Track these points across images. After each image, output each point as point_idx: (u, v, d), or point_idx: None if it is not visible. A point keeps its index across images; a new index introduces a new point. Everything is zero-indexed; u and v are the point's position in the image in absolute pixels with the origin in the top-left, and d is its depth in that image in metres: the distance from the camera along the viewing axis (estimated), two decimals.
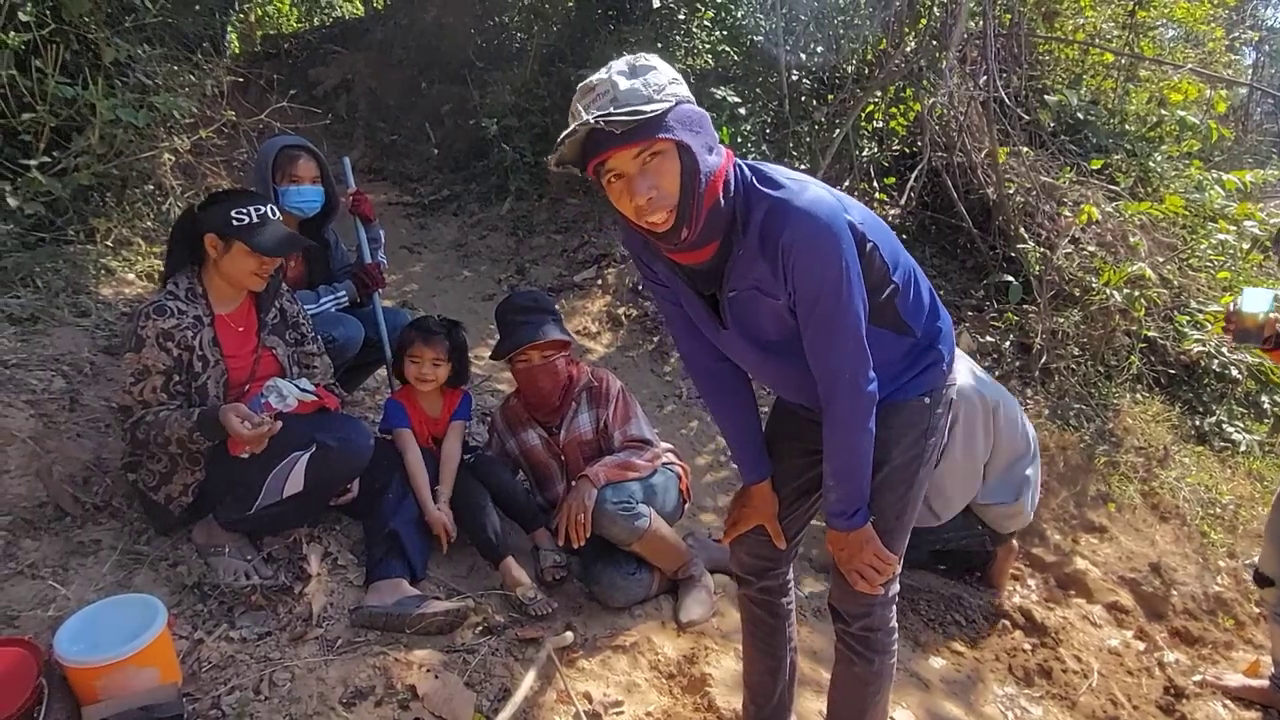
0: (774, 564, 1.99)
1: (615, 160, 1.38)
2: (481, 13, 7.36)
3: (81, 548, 2.35)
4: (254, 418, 2.16)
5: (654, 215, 1.41)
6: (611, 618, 2.57)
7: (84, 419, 2.69)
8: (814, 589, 3.04)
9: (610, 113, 1.32)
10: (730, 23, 5.96)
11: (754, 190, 1.50)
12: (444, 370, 2.75)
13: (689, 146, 1.39)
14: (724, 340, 1.71)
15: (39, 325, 2.94)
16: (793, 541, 1.98)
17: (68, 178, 3.29)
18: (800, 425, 1.87)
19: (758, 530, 1.93)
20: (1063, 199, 5.25)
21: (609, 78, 1.39)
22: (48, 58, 3.20)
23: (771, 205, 1.47)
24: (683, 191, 1.40)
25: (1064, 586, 3.52)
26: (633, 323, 4.74)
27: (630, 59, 1.43)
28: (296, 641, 2.21)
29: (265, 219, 2.32)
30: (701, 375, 1.88)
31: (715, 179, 1.44)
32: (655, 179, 1.39)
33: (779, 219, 1.46)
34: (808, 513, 1.97)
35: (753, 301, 1.57)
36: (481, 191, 6.03)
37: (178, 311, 2.27)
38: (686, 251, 1.51)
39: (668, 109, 1.37)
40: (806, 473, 1.91)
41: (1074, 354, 4.55)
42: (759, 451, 1.90)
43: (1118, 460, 4.11)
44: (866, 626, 1.85)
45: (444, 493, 2.66)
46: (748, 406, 1.89)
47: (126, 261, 3.53)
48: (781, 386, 1.85)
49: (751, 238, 1.49)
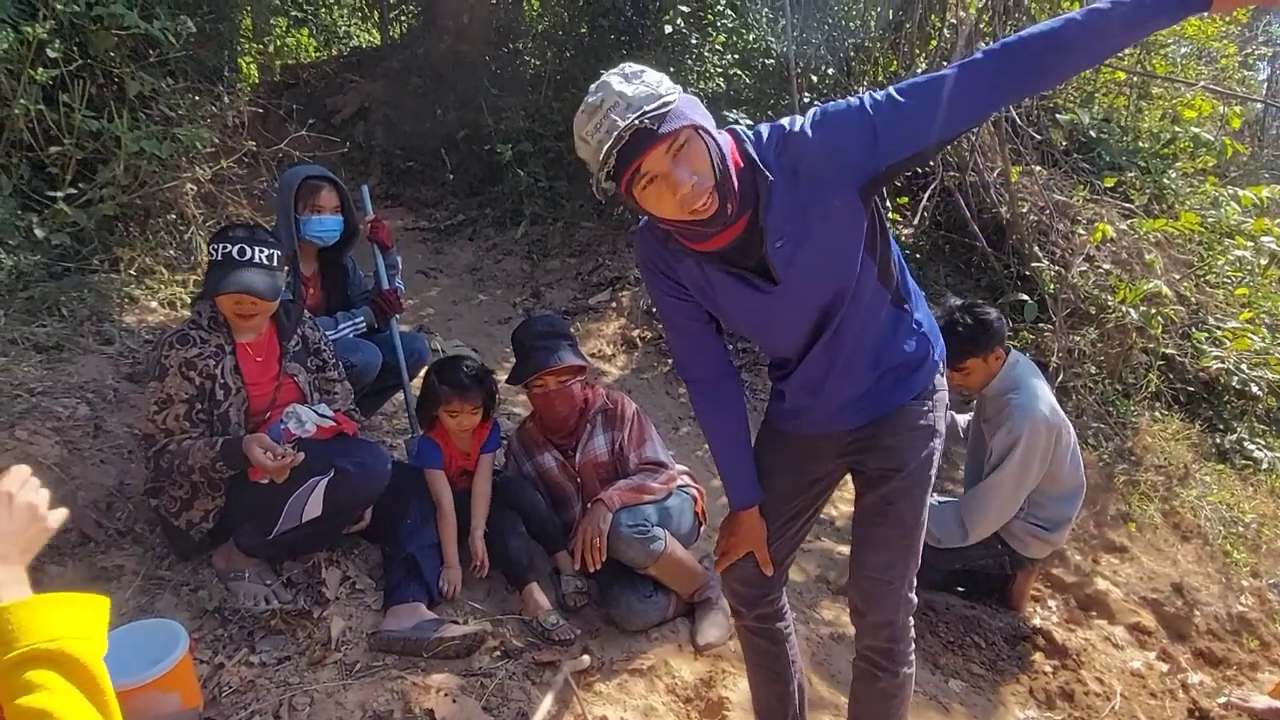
0: (766, 590, 1.97)
1: (648, 162, 1.40)
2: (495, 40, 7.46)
3: (105, 573, 2.38)
4: (277, 449, 2.20)
5: (700, 199, 1.43)
6: (628, 641, 2.57)
7: (107, 445, 2.74)
8: (831, 614, 3.02)
9: (645, 110, 1.35)
10: (742, 46, 6.03)
11: (762, 139, 1.55)
12: (478, 416, 2.75)
13: (706, 128, 1.44)
14: (769, 304, 1.63)
15: (64, 353, 2.99)
16: (781, 566, 1.97)
17: (93, 209, 3.36)
18: (794, 449, 1.88)
19: (748, 558, 1.92)
20: (1076, 217, 5.24)
21: (610, 89, 1.41)
22: (75, 92, 3.28)
23: (781, 133, 1.54)
24: (716, 170, 1.44)
25: (1085, 607, 3.48)
26: (647, 345, 4.76)
27: (617, 70, 1.45)
28: (315, 666, 2.23)
29: (230, 260, 2.31)
30: (702, 389, 1.88)
31: (732, 151, 1.50)
32: (690, 165, 1.41)
33: (792, 132, 1.53)
34: (795, 537, 1.96)
35: (806, 232, 1.54)
36: (496, 216, 6.10)
37: (200, 340, 2.32)
38: (722, 232, 1.53)
39: (680, 96, 1.42)
40: (798, 496, 1.91)
41: (1091, 372, 4.52)
42: (750, 476, 1.90)
43: (1137, 479, 4.08)
44: (892, 635, 1.86)
45: (479, 525, 2.68)
46: (742, 428, 1.90)
47: (149, 290, 3.59)
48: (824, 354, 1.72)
49: (777, 170, 1.52)
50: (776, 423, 1.92)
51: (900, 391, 1.75)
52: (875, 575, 1.84)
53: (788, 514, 1.92)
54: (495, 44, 7.36)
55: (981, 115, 1.62)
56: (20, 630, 0.97)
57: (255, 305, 2.34)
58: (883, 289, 1.67)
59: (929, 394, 1.78)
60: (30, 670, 0.95)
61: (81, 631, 1.01)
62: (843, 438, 1.81)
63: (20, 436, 2.54)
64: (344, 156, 5.89)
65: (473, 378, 2.69)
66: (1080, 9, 1.45)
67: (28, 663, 0.96)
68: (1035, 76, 1.54)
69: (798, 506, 1.92)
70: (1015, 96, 1.66)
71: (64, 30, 3.30)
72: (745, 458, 1.91)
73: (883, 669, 1.88)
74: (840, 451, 1.84)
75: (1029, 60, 1.46)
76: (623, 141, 1.37)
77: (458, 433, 2.75)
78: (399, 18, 8.50)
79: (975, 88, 1.48)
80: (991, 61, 1.47)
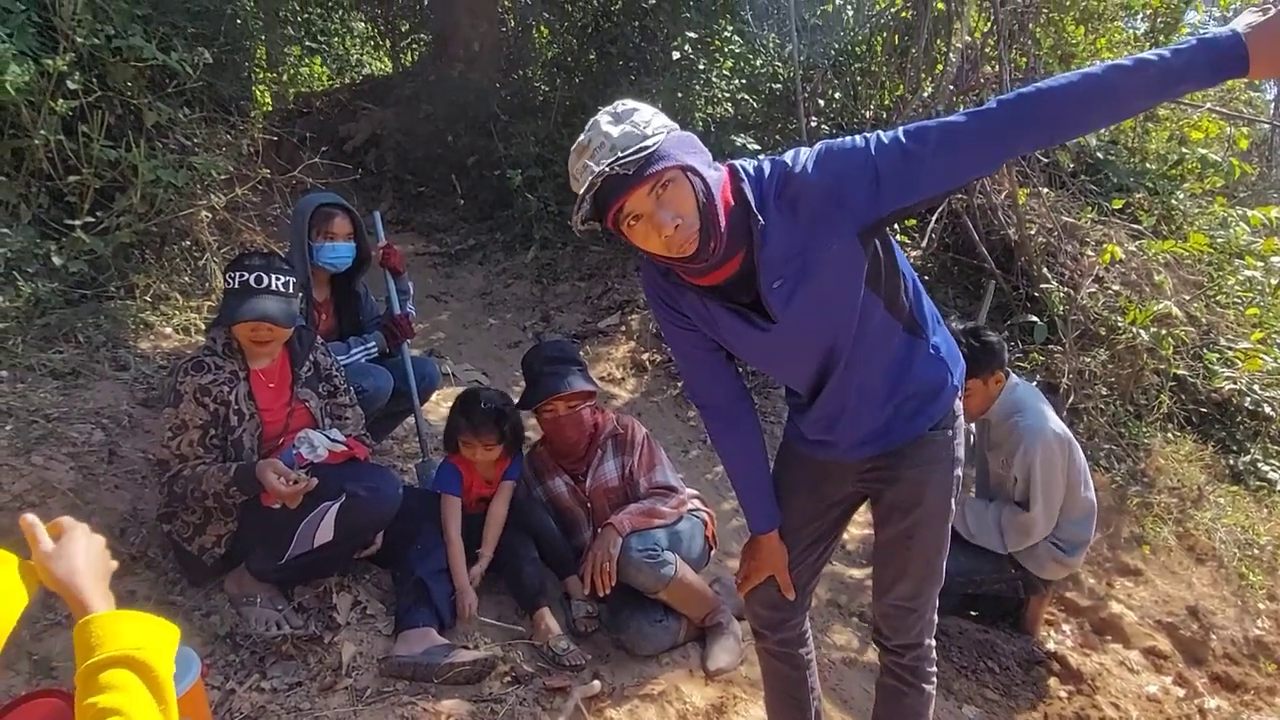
0: (789, 615, 1.97)
1: (631, 202, 1.43)
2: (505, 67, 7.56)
3: (118, 599, 2.38)
4: (290, 474, 2.21)
5: (683, 241, 1.44)
6: (639, 666, 2.56)
7: (121, 471, 2.76)
8: (844, 639, 3.01)
9: (619, 157, 1.37)
10: (749, 71, 6.08)
11: (759, 174, 1.54)
12: (496, 451, 2.74)
13: (693, 168, 1.44)
14: (770, 341, 1.63)
15: (80, 379, 3.03)
16: (804, 591, 1.97)
17: (110, 236, 3.41)
18: (812, 472, 1.88)
19: (770, 582, 1.92)
20: (1085, 239, 5.24)
21: (598, 130, 1.44)
22: (93, 123, 3.34)
23: (783, 170, 1.52)
24: (701, 211, 1.44)
25: (1099, 631, 3.45)
26: (656, 368, 4.77)
27: (610, 109, 1.48)
28: (326, 692, 2.23)
29: (247, 287, 2.33)
30: (714, 414, 1.88)
31: (724, 189, 1.49)
32: (674, 207, 1.42)
33: (793, 170, 1.51)
34: (817, 561, 1.96)
35: (805, 273, 1.52)
36: (506, 240, 6.14)
37: (214, 367, 2.34)
38: (716, 269, 1.53)
39: (663, 140, 1.42)
40: (817, 519, 1.91)
41: (1102, 394, 4.51)
42: (768, 499, 1.90)
43: (1151, 501, 4.05)
44: (917, 656, 1.89)
45: (485, 555, 2.68)
46: (759, 451, 1.89)
47: (164, 316, 3.63)
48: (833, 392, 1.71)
49: (775, 207, 1.51)
50: (794, 446, 1.92)
51: (920, 420, 1.72)
52: (900, 603, 1.86)
53: (808, 538, 1.92)
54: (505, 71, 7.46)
55: (990, 166, 1.58)
56: (106, 637, 1.09)
57: (272, 332, 2.38)
58: (892, 319, 1.64)
59: (949, 421, 1.75)
60: (109, 672, 1.05)
61: (158, 645, 1.12)
62: (860, 464, 1.80)
63: (36, 462, 2.56)
64: (356, 183, 5.96)
65: (490, 415, 2.68)
66: (1102, 64, 1.38)
67: (109, 665, 1.05)
68: (1049, 131, 1.49)
69: (817, 530, 1.92)
70: (1026, 149, 1.62)
71: (84, 62, 3.37)
72: (762, 481, 1.90)
73: (909, 684, 1.90)
74: (859, 476, 1.83)
75: (1044, 114, 1.41)
76: (595, 188, 1.40)
77: (479, 462, 2.76)
78: (410, 46, 8.62)
79: (986, 138, 1.43)
80: (1005, 111, 1.41)
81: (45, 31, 3.32)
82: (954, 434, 1.76)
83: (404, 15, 8.43)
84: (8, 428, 2.62)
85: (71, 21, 3.30)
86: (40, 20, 3.30)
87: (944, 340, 1.77)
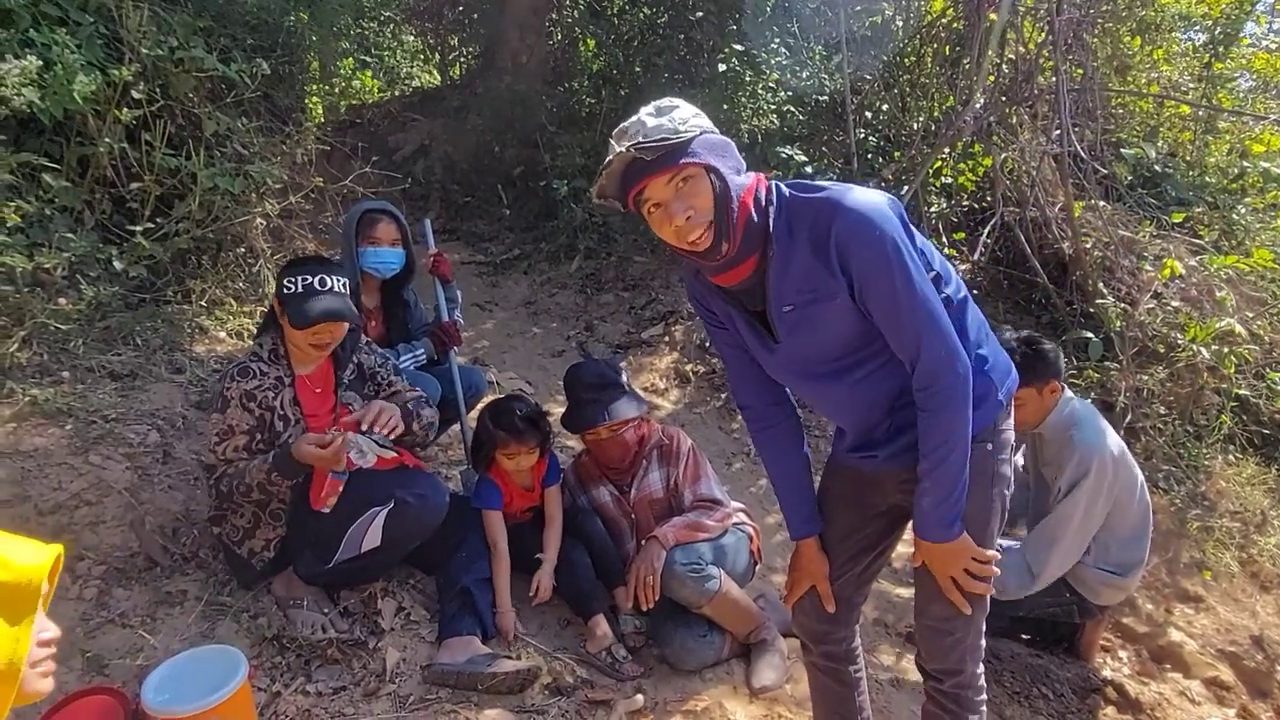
0: (833, 628, 1.95)
1: (651, 189, 1.51)
2: (552, 79, 7.62)
3: (169, 598, 2.43)
4: (325, 438, 2.20)
5: (693, 234, 1.51)
6: (682, 680, 2.52)
7: (175, 471, 2.81)
8: (890, 659, 2.94)
9: (639, 142, 1.47)
10: (795, 84, 6.05)
11: (798, 199, 1.58)
12: (535, 455, 2.74)
13: (715, 168, 1.51)
14: (778, 358, 1.71)
15: (137, 381, 3.09)
16: (849, 605, 1.94)
17: (169, 242, 3.49)
18: (854, 481, 1.86)
19: (814, 592, 1.92)
20: (1143, 253, 5.10)
21: (639, 119, 1.53)
22: (155, 131, 3.42)
23: (820, 203, 1.55)
24: (716, 208, 1.51)
25: (1158, 659, 3.32)
26: (700, 379, 4.74)
27: (656, 103, 1.56)
28: (370, 697, 2.24)
29: (310, 289, 2.33)
30: (757, 419, 1.90)
31: (745, 195, 1.55)
32: (689, 200, 1.50)
33: (829, 211, 1.53)
34: (863, 574, 1.93)
35: (813, 311, 1.60)
36: (551, 250, 6.17)
37: (260, 373, 2.36)
38: (728, 270, 1.60)
39: (692, 137, 1.50)
40: (861, 530, 1.89)
41: (1160, 413, 4.37)
42: (808, 506, 1.91)
43: (1212, 525, 3.90)
44: (959, 684, 1.81)
45: (550, 558, 2.68)
46: (800, 456, 1.91)
47: (219, 320, 3.71)
48: (834, 408, 1.82)
49: (801, 240, 1.56)
50: (838, 456, 1.91)
51: None
52: (936, 625, 1.80)
53: (851, 549, 1.89)
54: (552, 83, 7.52)
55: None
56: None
57: (334, 334, 2.39)
58: None
59: (989, 434, 1.70)
60: None
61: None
62: (900, 473, 1.76)
63: (94, 461, 2.62)
64: (405, 192, 6.04)
65: (527, 420, 2.68)
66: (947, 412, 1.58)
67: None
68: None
69: (861, 542, 1.89)
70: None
71: (147, 72, 3.46)
72: (800, 487, 1.90)
73: (951, 714, 1.83)
74: (899, 487, 1.79)
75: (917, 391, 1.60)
76: (609, 166, 1.51)
77: (516, 472, 2.76)
78: (459, 58, 8.75)
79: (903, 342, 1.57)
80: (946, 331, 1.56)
81: (111, 43, 3.42)
82: (995, 449, 1.70)
83: (453, 29, 8.56)
84: (67, 427, 2.69)
85: (137, 33, 3.39)
86: (107, 32, 3.40)
87: (991, 352, 1.73)
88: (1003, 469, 1.73)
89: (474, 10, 8.32)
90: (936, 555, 1.70)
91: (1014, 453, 1.80)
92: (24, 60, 2.82)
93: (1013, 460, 1.78)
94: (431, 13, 8.47)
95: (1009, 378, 1.76)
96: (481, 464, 2.79)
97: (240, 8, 4.36)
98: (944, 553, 1.68)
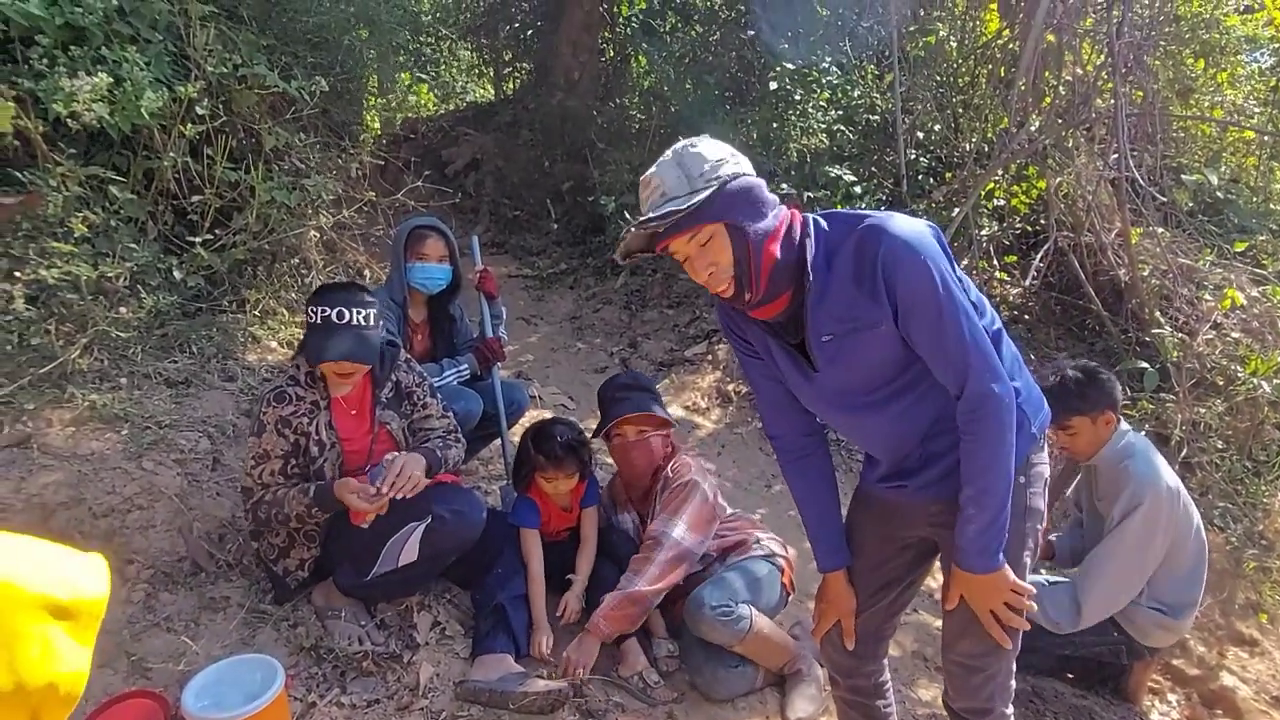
0: (861, 662, 1.93)
1: (674, 247, 1.56)
2: (603, 95, 7.69)
3: (212, 604, 2.48)
4: (369, 490, 2.25)
5: (718, 286, 1.57)
6: (714, 709, 2.50)
7: (224, 479, 2.88)
8: (929, 694, 2.88)
9: (649, 217, 1.50)
10: (846, 103, 6.01)
11: (837, 230, 1.60)
12: (574, 480, 2.75)
13: (733, 223, 1.52)
14: (816, 387, 1.70)
15: (191, 388, 3.18)
16: (877, 638, 1.93)
17: (226, 253, 3.59)
18: (882, 512, 1.84)
19: (839, 625, 1.90)
20: (1203, 282, 4.94)
21: (658, 173, 1.55)
22: (217, 146, 3.53)
23: (864, 231, 1.55)
24: (737, 263, 1.54)
25: (1209, 705, 3.20)
26: (742, 399, 4.72)
27: (678, 147, 1.57)
28: (403, 711, 2.26)
29: (329, 323, 2.31)
30: (789, 449, 1.89)
31: (769, 241, 1.55)
32: (710, 257, 1.54)
33: (874, 239, 1.53)
34: (891, 607, 1.91)
35: (853, 340, 1.59)
36: (597, 266, 6.22)
37: (295, 398, 2.40)
38: (761, 307, 1.63)
39: (711, 194, 1.49)
40: (889, 562, 1.87)
41: (1218, 447, 4.22)
42: (837, 538, 1.89)
43: (1269, 566, 3.76)
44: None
45: (581, 580, 2.69)
46: (830, 488, 1.89)
47: (271, 330, 3.80)
48: (869, 438, 1.80)
49: (841, 271, 1.56)
50: (867, 487, 1.89)
51: None
52: (966, 662, 1.77)
53: (879, 581, 1.87)
54: (602, 99, 7.60)
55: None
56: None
57: (355, 368, 2.40)
58: None
59: (1022, 468, 1.68)
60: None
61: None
62: (928, 505, 1.75)
63: (146, 467, 2.70)
64: (455, 206, 6.14)
65: (568, 447, 2.68)
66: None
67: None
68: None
69: (889, 574, 1.87)
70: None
71: (212, 89, 3.57)
72: (829, 519, 1.89)
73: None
74: (928, 520, 1.77)
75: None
76: (629, 234, 1.56)
77: (555, 494, 2.77)
78: (512, 74, 8.88)
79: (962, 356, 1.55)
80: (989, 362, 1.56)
81: (179, 60, 3.54)
82: (1027, 482, 1.70)
83: (508, 45, 8.69)
84: (123, 432, 2.77)
85: (203, 51, 3.51)
86: (175, 50, 3.52)
87: (1025, 385, 1.72)
88: (1035, 502, 1.72)
89: (528, 27, 8.45)
90: (977, 587, 1.66)
91: (1046, 486, 1.77)
92: (95, 77, 2.94)
93: (1044, 494, 1.76)
94: (487, 29, 8.62)
95: (1041, 412, 1.75)
96: (521, 483, 2.80)
97: (302, 26, 4.48)
98: (985, 584, 1.65)
